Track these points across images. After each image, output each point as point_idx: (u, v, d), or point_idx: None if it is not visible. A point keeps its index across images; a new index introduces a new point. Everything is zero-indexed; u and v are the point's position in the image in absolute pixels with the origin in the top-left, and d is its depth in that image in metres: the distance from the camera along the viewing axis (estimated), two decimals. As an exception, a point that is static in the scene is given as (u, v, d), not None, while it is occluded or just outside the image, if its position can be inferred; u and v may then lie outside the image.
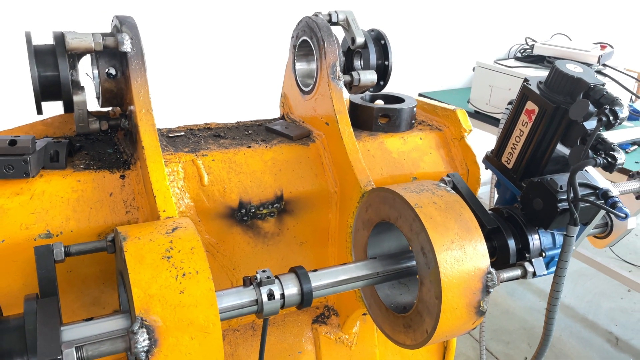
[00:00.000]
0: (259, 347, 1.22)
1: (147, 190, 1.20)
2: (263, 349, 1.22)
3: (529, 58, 3.42)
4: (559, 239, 1.36)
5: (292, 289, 1.11)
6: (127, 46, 1.20)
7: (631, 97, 3.26)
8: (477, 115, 3.39)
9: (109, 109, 1.44)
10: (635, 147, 2.92)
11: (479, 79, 3.33)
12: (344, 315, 1.53)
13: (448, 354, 1.78)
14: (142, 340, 0.83)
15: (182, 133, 1.49)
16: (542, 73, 3.23)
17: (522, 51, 3.77)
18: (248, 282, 1.10)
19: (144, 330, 0.84)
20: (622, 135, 2.94)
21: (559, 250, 1.36)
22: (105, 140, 1.41)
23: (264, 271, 1.10)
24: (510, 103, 3.31)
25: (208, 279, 0.91)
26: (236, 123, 1.62)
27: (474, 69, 3.37)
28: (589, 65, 3.02)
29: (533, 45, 3.52)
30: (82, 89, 1.24)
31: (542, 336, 1.39)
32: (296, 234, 1.45)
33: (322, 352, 1.54)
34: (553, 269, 1.39)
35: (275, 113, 1.74)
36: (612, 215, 1.46)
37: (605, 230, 1.52)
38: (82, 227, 1.16)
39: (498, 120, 3.22)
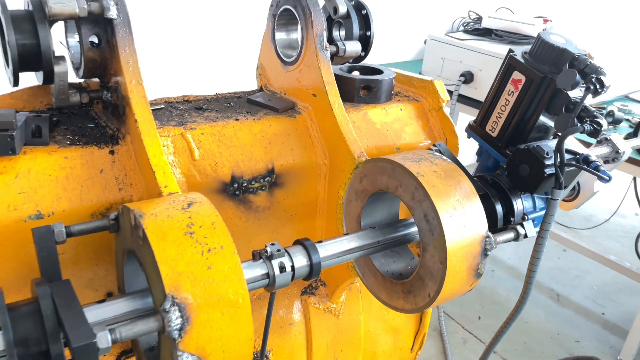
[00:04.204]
0: (265, 321, 1.22)
1: (142, 166, 1.15)
2: (269, 322, 1.22)
3: (477, 31, 3.53)
4: (539, 202, 1.44)
5: (301, 261, 1.11)
6: (113, 12, 1.12)
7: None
8: (427, 88, 3.47)
9: (82, 80, 1.35)
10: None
11: (431, 51, 3.40)
12: (333, 286, 1.54)
13: (424, 316, 1.85)
14: (175, 319, 0.81)
15: (162, 106, 1.42)
16: (492, 45, 3.34)
17: (465, 24, 3.88)
18: (257, 255, 1.08)
19: (176, 307, 0.81)
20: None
21: (539, 213, 1.45)
22: (80, 114, 1.32)
23: (273, 244, 1.09)
24: (462, 75, 3.40)
25: (234, 254, 0.89)
26: (215, 95, 1.56)
27: (425, 42, 3.44)
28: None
29: (479, 18, 3.63)
30: (62, 58, 1.15)
31: (520, 294, 1.47)
32: (286, 207, 1.44)
33: (312, 323, 1.55)
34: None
35: (245, 85, 1.69)
36: (579, 180, 1.57)
37: (573, 193, 1.63)
38: (74, 206, 1.09)
39: (450, 92, 3.32)
